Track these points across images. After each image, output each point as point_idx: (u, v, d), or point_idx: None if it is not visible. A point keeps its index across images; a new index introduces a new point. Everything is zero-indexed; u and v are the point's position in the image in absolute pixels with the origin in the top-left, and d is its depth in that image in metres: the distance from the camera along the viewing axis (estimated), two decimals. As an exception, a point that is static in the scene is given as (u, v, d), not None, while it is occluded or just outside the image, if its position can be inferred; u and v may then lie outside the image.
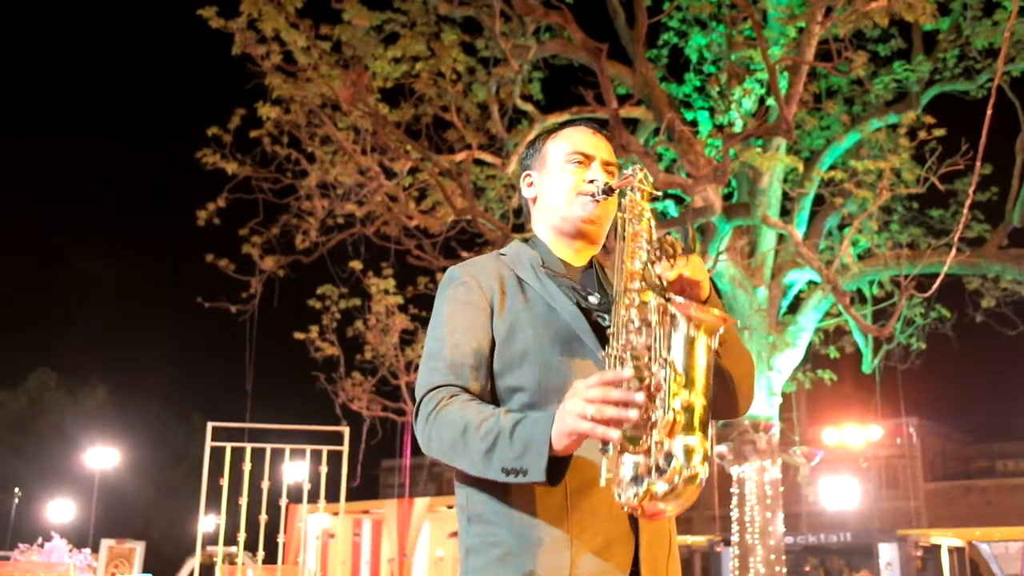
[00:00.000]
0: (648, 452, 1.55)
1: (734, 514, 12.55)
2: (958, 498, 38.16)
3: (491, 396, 1.86)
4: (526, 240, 2.11)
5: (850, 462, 27.61)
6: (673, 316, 1.63)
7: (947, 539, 25.36)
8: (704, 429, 1.58)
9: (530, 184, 2.11)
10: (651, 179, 1.86)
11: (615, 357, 1.62)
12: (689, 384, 1.58)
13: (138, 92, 61.25)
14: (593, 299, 1.92)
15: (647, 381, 1.57)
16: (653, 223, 1.80)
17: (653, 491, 1.53)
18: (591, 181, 1.99)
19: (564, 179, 2.01)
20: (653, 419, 1.55)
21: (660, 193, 1.91)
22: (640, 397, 1.53)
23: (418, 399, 1.84)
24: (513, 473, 1.63)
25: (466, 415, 1.73)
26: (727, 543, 17.24)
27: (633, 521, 1.77)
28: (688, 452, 1.54)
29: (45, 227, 57.62)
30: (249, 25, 10.59)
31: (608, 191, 1.94)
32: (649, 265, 1.70)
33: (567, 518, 1.73)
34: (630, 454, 1.55)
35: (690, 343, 1.61)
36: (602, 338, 1.84)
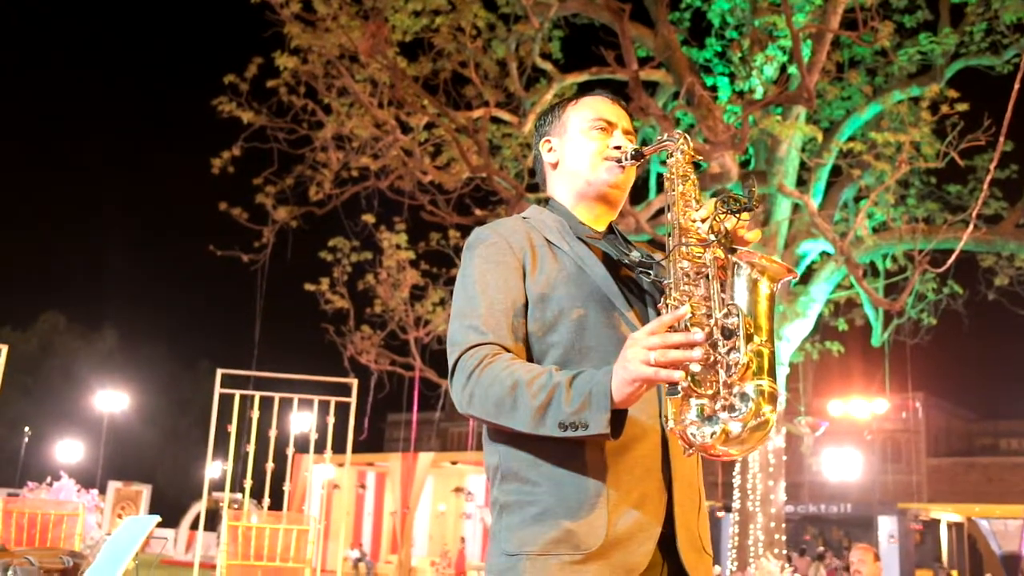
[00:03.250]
0: (716, 395, 1.57)
1: (736, 481, 12.62)
2: (960, 474, 38.30)
3: (527, 356, 1.85)
4: (544, 203, 2.12)
5: (854, 434, 27.69)
6: (736, 265, 1.67)
7: (947, 514, 25.49)
8: (773, 374, 1.60)
9: (551, 150, 2.11)
10: (691, 143, 1.88)
11: (672, 307, 1.64)
12: (757, 330, 1.61)
13: (155, 37, 61.02)
14: (636, 255, 1.96)
15: (708, 328, 1.59)
16: (697, 184, 1.84)
17: (728, 431, 1.55)
18: (617, 147, 2.01)
19: (589, 145, 2.03)
20: (718, 361, 1.58)
21: (700, 156, 1.92)
22: (700, 335, 1.54)
23: (455, 357, 1.81)
24: (572, 427, 1.63)
25: (514, 372, 1.72)
26: (728, 509, 17.34)
27: (667, 478, 1.78)
28: (761, 394, 1.56)
29: (56, 171, 57.72)
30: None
31: (637, 156, 1.96)
32: (716, 218, 1.73)
33: (604, 476, 1.74)
34: (696, 398, 1.57)
35: (755, 291, 1.65)
36: (633, 299, 1.89)
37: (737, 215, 1.73)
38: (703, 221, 1.75)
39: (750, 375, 1.57)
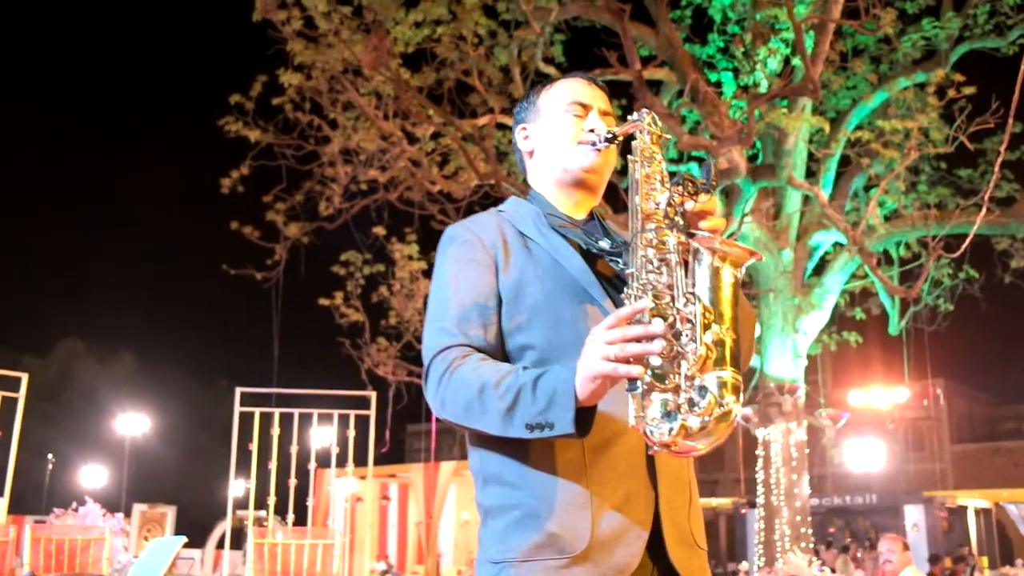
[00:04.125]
0: (677, 389, 1.51)
1: (759, 476, 12.57)
2: (985, 460, 38.02)
3: (502, 355, 1.80)
4: (525, 195, 2.06)
5: (876, 424, 27.51)
6: (697, 251, 1.61)
7: (974, 500, 25.30)
8: (736, 364, 1.54)
9: (526, 137, 2.05)
10: (660, 123, 1.83)
11: (634, 297, 1.57)
12: (718, 318, 1.55)
13: (159, 60, 61.37)
14: (604, 243, 1.89)
15: (671, 318, 1.53)
16: (664, 165, 1.77)
17: (687, 426, 1.49)
18: (591, 130, 1.95)
19: (563, 129, 1.97)
20: (680, 353, 1.52)
21: (670, 136, 1.89)
22: (660, 327, 1.48)
23: (427, 362, 1.78)
24: (538, 428, 1.58)
25: (482, 374, 1.67)
26: (752, 505, 17.27)
27: (652, 474, 1.73)
28: (722, 386, 1.50)
29: (70, 197, 58.07)
30: (270, -10, 10.55)
31: (611, 138, 1.89)
32: (671, 202, 1.67)
33: (586, 475, 1.69)
34: (658, 392, 1.50)
35: (716, 277, 1.59)
36: (611, 290, 1.82)
37: (694, 197, 1.67)
38: (668, 205, 1.69)
39: (710, 366, 1.51)
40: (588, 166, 1.95)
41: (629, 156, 1.79)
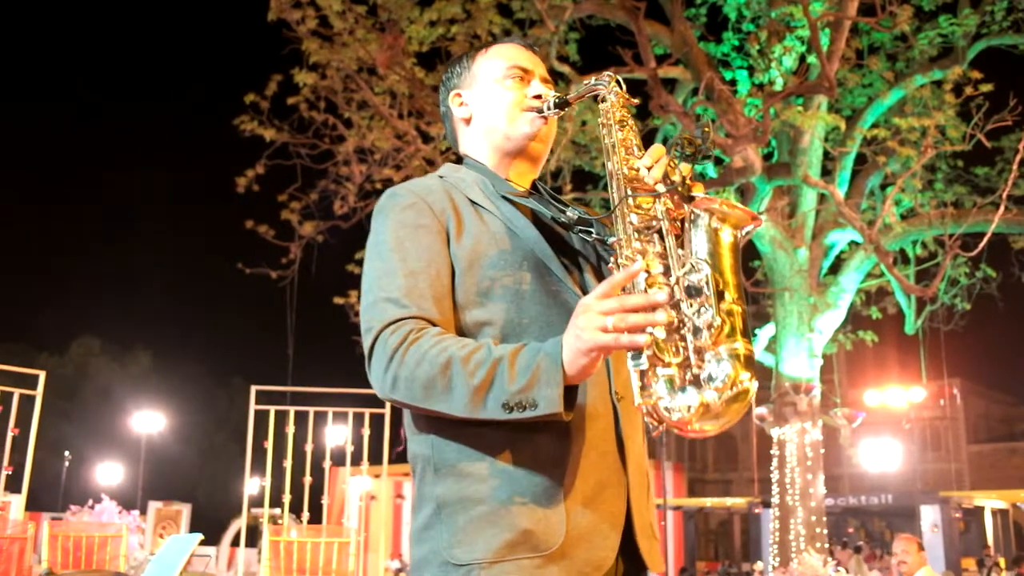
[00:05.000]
0: (686, 363, 1.39)
1: (774, 476, 12.52)
2: (1002, 460, 37.78)
3: (455, 332, 1.61)
4: (459, 163, 1.91)
5: (892, 424, 27.40)
6: (693, 214, 1.50)
7: (991, 501, 25.16)
8: (747, 335, 1.42)
9: (461, 104, 1.90)
10: (623, 86, 1.75)
11: (623, 266, 1.45)
12: (725, 285, 1.44)
13: (175, 59, 61.64)
14: (571, 213, 1.72)
15: (668, 288, 1.42)
16: (636, 130, 1.69)
17: (707, 403, 1.37)
18: (536, 96, 1.83)
19: (505, 95, 1.84)
20: (685, 324, 1.41)
21: (637, 100, 1.77)
22: (663, 295, 1.37)
23: (372, 336, 1.57)
24: (518, 408, 1.43)
25: (447, 348, 1.50)
26: (767, 505, 17.22)
27: (623, 461, 1.60)
28: (737, 359, 1.39)
29: (85, 196, 58.42)
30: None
31: (562, 104, 1.78)
32: (669, 165, 1.58)
33: (557, 464, 1.54)
34: (662, 367, 1.37)
35: (717, 242, 1.48)
36: (567, 262, 1.70)
37: (691, 161, 1.56)
38: (648, 169, 1.59)
39: (723, 338, 1.40)
40: (533, 133, 1.83)
41: (599, 120, 1.72)
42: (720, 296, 1.42)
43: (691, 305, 1.42)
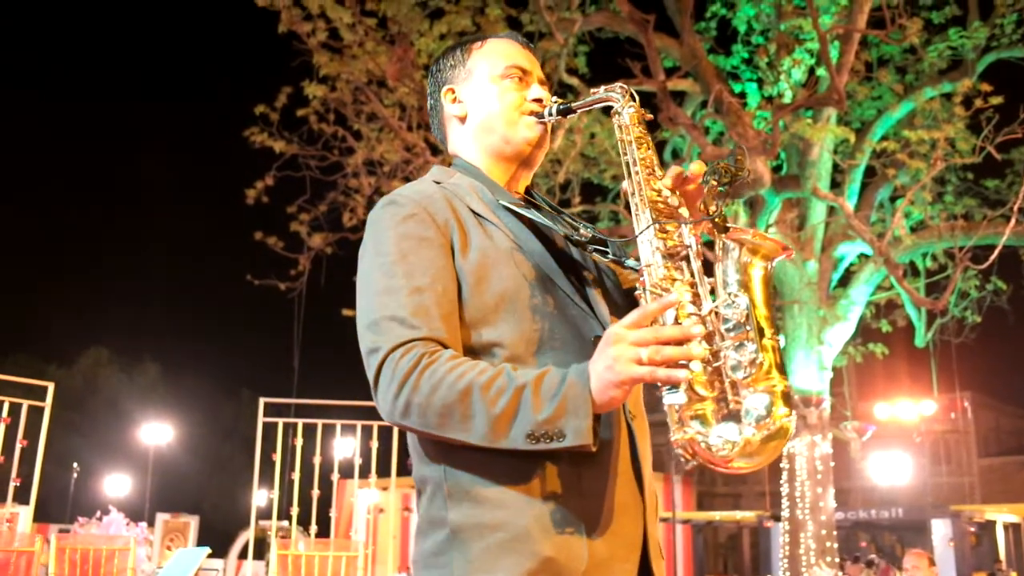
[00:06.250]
0: (722, 397, 1.36)
1: (784, 489, 12.46)
2: (1013, 473, 37.57)
3: (463, 354, 1.54)
4: (449, 165, 1.82)
5: (903, 437, 27.26)
6: (724, 245, 1.46)
7: (1002, 515, 25.00)
8: (783, 371, 1.39)
9: (455, 100, 1.81)
10: (637, 98, 1.69)
11: (652, 295, 1.40)
12: (763, 320, 1.41)
13: (185, 71, 61.93)
14: (584, 231, 1.65)
15: (700, 319, 1.38)
16: (653, 148, 1.64)
17: (750, 440, 1.33)
18: (537, 99, 1.76)
19: (505, 96, 1.76)
20: (722, 358, 1.37)
21: (650, 116, 1.70)
22: (699, 329, 1.33)
23: (378, 358, 1.50)
24: (545, 438, 1.38)
25: (465, 374, 1.43)
26: (777, 519, 17.13)
27: (639, 483, 1.56)
28: (774, 395, 1.36)
29: (94, 205, 58.66)
30: (295, 2, 10.64)
31: (566, 111, 1.71)
32: (708, 193, 1.53)
33: (575, 488, 1.48)
34: (697, 402, 1.34)
35: (747, 274, 1.44)
36: (574, 279, 1.63)
37: (728, 187, 1.50)
38: (672, 192, 1.54)
39: (762, 374, 1.36)
40: (533, 139, 1.75)
41: (617, 136, 1.66)
42: (761, 332, 1.39)
43: (726, 339, 1.38)
